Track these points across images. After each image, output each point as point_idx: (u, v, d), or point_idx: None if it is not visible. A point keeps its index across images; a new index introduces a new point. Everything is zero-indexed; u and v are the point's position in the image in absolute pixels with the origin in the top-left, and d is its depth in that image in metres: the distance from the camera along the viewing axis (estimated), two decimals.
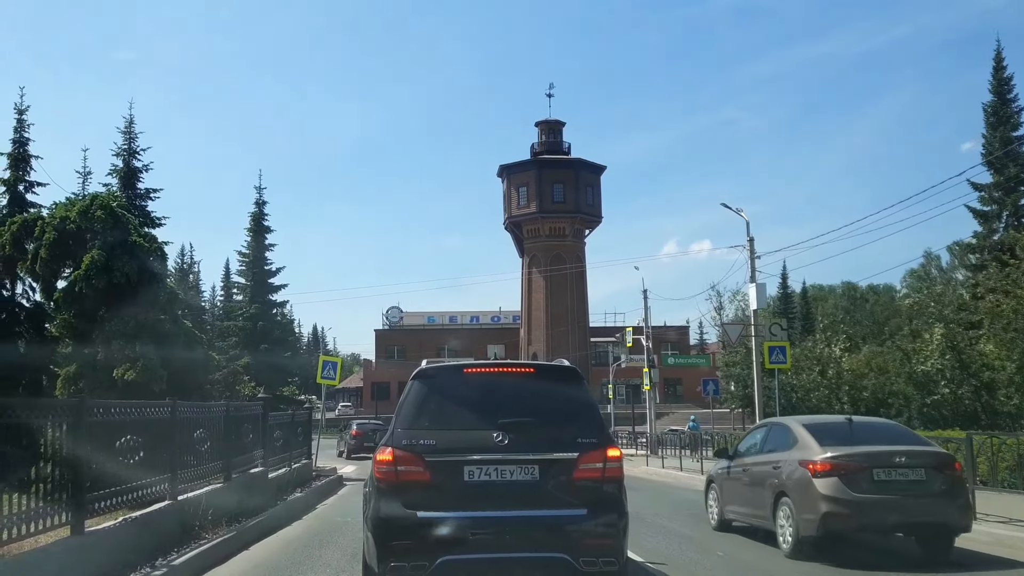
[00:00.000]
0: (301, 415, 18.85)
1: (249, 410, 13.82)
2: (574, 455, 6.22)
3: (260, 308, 22.79)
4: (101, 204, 14.45)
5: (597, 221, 72.88)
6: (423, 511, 6.01)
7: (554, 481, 6.18)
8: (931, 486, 9.20)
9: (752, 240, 26.62)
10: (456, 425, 6.39)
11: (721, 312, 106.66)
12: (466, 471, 6.12)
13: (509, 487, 6.13)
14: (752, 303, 25.97)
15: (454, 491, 6.09)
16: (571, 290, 70.54)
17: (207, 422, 11.24)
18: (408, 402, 6.56)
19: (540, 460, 6.19)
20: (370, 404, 72.17)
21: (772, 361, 24.62)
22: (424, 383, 6.64)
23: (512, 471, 6.15)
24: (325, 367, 24.04)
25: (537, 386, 6.89)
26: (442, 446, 6.17)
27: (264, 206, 23.15)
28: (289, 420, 17.32)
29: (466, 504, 6.05)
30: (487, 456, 6.13)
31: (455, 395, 6.62)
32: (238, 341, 22.76)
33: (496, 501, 6.06)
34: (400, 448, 6.20)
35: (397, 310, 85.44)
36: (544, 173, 70.27)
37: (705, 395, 33.40)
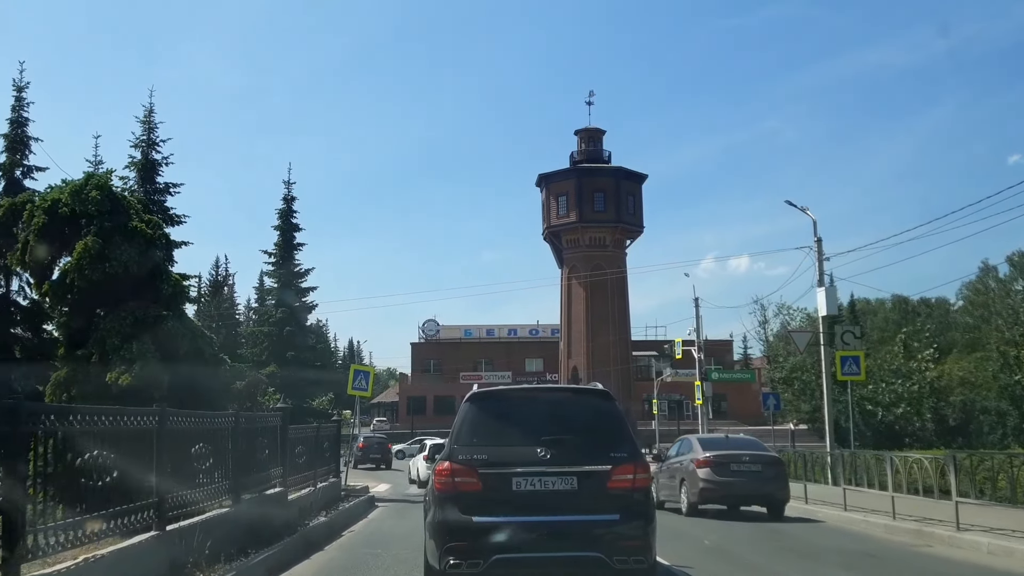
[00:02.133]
0: (328, 429, 17.09)
1: (264, 422, 12.04)
2: (608, 467, 7.05)
3: (287, 313, 21.11)
4: (97, 184, 12.76)
5: (639, 231, 70.66)
6: (478, 516, 6.87)
7: (590, 490, 7.00)
8: (766, 475, 15.69)
9: (820, 241, 24.49)
10: (505, 441, 7.24)
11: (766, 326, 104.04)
12: (514, 481, 6.97)
13: (551, 495, 6.96)
14: (821, 308, 23.74)
15: (504, 499, 6.94)
16: (612, 301, 68.34)
17: (210, 435, 9.45)
18: (463, 422, 7.38)
19: (578, 472, 7.01)
20: (406, 419, 70.52)
21: (845, 372, 22.46)
22: (476, 405, 7.51)
23: (554, 481, 6.97)
24: (356, 377, 22.32)
25: (574, 406, 7.95)
26: (493, 460, 7.02)
27: (293, 202, 21.48)
28: (314, 434, 15.53)
29: (514, 510, 6.91)
30: (532, 468, 6.97)
31: (503, 415, 7.54)
32: (263, 349, 21.01)
33: (540, 507, 6.93)
34: (457, 462, 7.08)
35: (434, 323, 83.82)
36: (584, 182, 68.26)
37: (765, 410, 31.09)
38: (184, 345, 12.70)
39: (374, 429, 69.06)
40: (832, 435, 23.67)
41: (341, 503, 16.49)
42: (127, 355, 11.72)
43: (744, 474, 15.49)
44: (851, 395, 23.33)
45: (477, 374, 77.03)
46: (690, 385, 74.36)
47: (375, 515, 16.67)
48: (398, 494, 22.85)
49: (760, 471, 15.65)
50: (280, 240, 21.26)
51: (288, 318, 20.92)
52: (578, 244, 68.53)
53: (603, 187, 68.55)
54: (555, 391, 9.36)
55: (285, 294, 21.27)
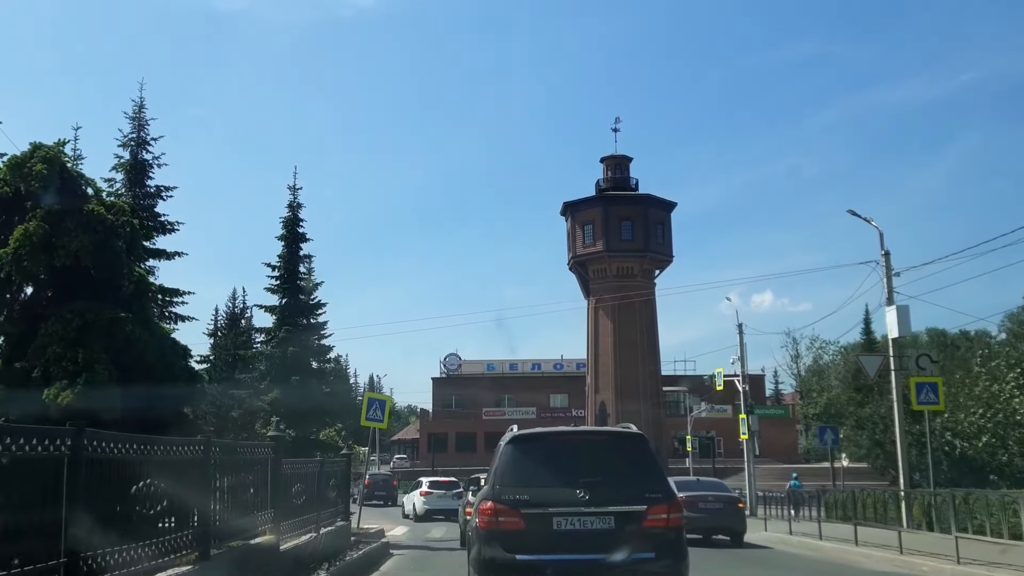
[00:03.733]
0: (335, 464, 14.70)
1: (250, 454, 9.70)
2: (643, 508, 7.38)
3: (291, 332, 18.79)
4: (45, 157, 10.46)
5: (668, 261, 68.10)
6: (520, 554, 7.23)
7: (627, 529, 7.32)
8: (726, 511, 19.05)
9: (888, 254, 21.92)
10: (545, 482, 7.54)
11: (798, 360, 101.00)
12: (554, 521, 7.31)
13: (590, 534, 7.28)
14: (891, 330, 21.09)
15: (545, 537, 7.29)
16: (641, 334, 65.62)
17: (166, 468, 7.11)
18: (504, 463, 7.73)
19: (615, 512, 7.34)
20: (426, 456, 67.76)
21: (921, 401, 19.78)
22: (517, 447, 7.84)
23: (592, 521, 7.30)
24: (371, 406, 19.93)
25: (610, 449, 8.10)
26: (534, 500, 7.35)
27: (299, 209, 19.28)
28: (317, 469, 13.13)
29: (555, 548, 7.27)
30: (571, 509, 7.29)
31: (543, 457, 7.79)
32: (264, 372, 18.60)
33: (580, 546, 7.25)
34: (499, 502, 7.42)
35: (456, 357, 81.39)
36: (611, 210, 65.95)
37: (822, 444, 28.25)
38: (149, 357, 10.36)
39: (393, 467, 66.41)
40: (907, 472, 20.94)
41: (350, 551, 14.04)
42: (70, 366, 9.42)
43: (709, 511, 18.77)
44: (929, 426, 20.59)
45: (500, 410, 74.44)
46: (722, 422, 71.85)
47: (389, 567, 14.18)
48: (417, 539, 20.33)
49: (722, 508, 19.24)
50: (285, 252, 18.98)
51: (293, 337, 18.58)
52: (605, 274, 66.07)
53: (630, 215, 66.21)
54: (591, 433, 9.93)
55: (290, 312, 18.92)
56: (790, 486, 30.02)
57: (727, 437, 70.80)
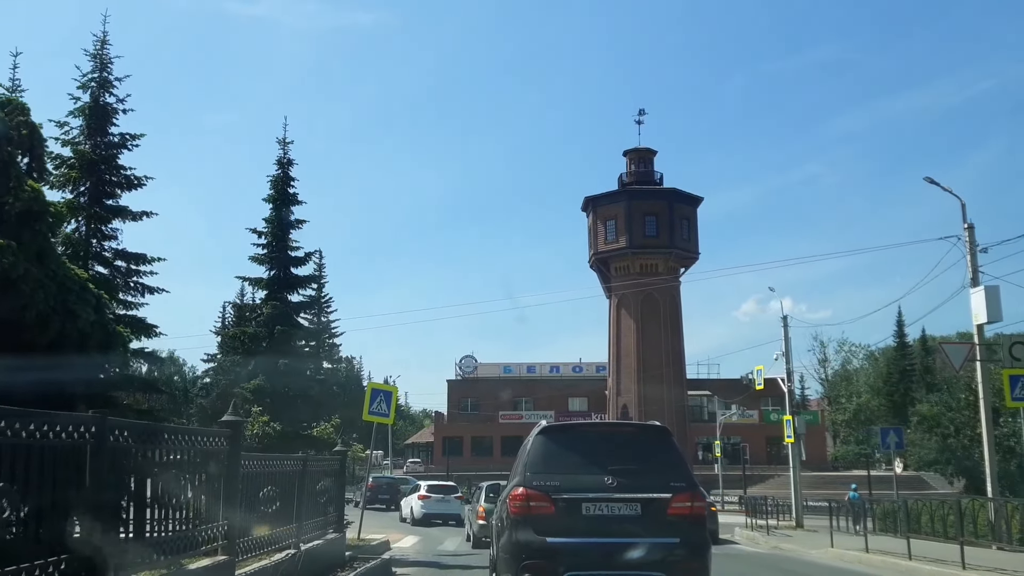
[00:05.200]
0: (324, 463, 11.97)
1: (187, 443, 6.98)
2: (668, 496, 7.67)
3: (279, 308, 15.99)
4: None
5: (693, 258, 65.14)
6: (551, 537, 7.50)
7: (652, 516, 7.60)
8: None
9: (972, 228, 19.00)
10: (574, 470, 7.81)
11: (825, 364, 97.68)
12: (584, 506, 7.59)
13: (618, 519, 7.57)
14: (979, 315, 18.13)
15: (575, 522, 7.55)
16: (665, 334, 62.68)
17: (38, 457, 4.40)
18: (534, 451, 7.99)
19: (642, 499, 7.63)
20: (441, 461, 64.97)
21: (1016, 397, 16.91)
22: (547, 437, 8.16)
23: (620, 507, 7.59)
24: (375, 398, 17.23)
25: (637, 440, 8.46)
26: (565, 486, 7.65)
27: (290, 167, 16.50)
28: (296, 469, 10.40)
29: (584, 532, 7.53)
30: (600, 495, 7.60)
31: (572, 447, 8.14)
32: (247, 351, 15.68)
33: (608, 530, 7.53)
34: (531, 488, 7.71)
35: (471, 360, 78.59)
36: (634, 205, 63.12)
37: (884, 448, 25.33)
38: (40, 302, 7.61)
39: (407, 471, 63.69)
40: (995, 479, 18.02)
41: (339, 570, 11.31)
42: None
43: None
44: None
45: (517, 413, 71.64)
46: (748, 428, 68.74)
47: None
48: (428, 552, 17.56)
49: None
50: (273, 216, 16.21)
51: (281, 315, 15.80)
52: (628, 272, 63.20)
53: (655, 210, 63.38)
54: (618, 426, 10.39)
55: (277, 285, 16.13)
56: (849, 497, 27.03)
57: (753, 443, 67.88)
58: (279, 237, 16.05)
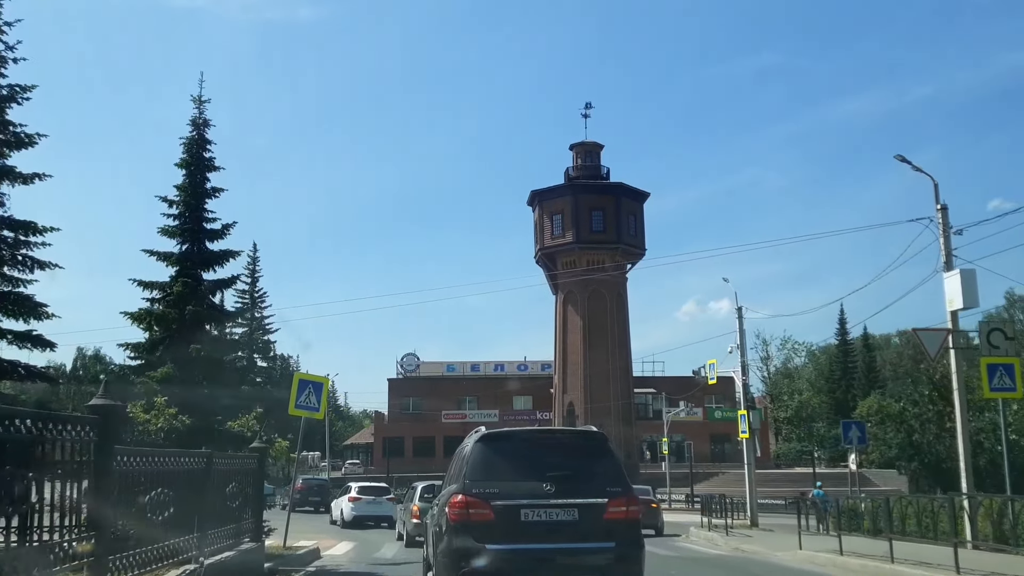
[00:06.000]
0: (235, 462, 10.20)
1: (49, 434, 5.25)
2: (604, 500, 7.80)
3: (190, 286, 14.06)
4: None
5: (640, 254, 64.16)
6: (490, 544, 7.55)
7: (589, 520, 7.72)
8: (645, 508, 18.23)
9: (945, 209, 17.98)
10: (513, 477, 7.92)
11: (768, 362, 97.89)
12: (522, 513, 7.68)
13: (555, 525, 7.68)
14: (954, 300, 17.03)
15: (514, 528, 7.62)
16: (612, 330, 61.62)
17: None
18: (473, 459, 8.02)
19: (579, 504, 7.74)
20: (381, 462, 62.89)
21: (995, 387, 15.87)
22: (486, 444, 8.18)
23: (557, 513, 7.68)
24: (302, 390, 15.43)
25: (574, 446, 8.64)
26: (503, 493, 7.72)
27: (206, 128, 14.57)
28: (199, 466, 8.64)
29: (523, 538, 7.63)
30: (538, 501, 7.68)
31: (510, 454, 8.19)
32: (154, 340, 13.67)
33: (546, 536, 7.67)
34: (470, 495, 7.73)
35: (414, 357, 76.67)
36: (581, 199, 61.93)
37: (846, 443, 24.28)
38: None
39: (345, 473, 61.46)
40: (970, 475, 16.97)
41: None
42: None
43: None
44: (1005, 418, 16.66)
45: (460, 412, 69.92)
46: (692, 426, 68.06)
47: None
48: (362, 561, 15.83)
49: None
50: (186, 183, 14.18)
51: (193, 294, 13.84)
52: (574, 267, 61.93)
53: (601, 205, 62.29)
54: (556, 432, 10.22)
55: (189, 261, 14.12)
56: (813, 495, 25.93)
57: (697, 441, 67.31)
58: (193, 207, 14.13)
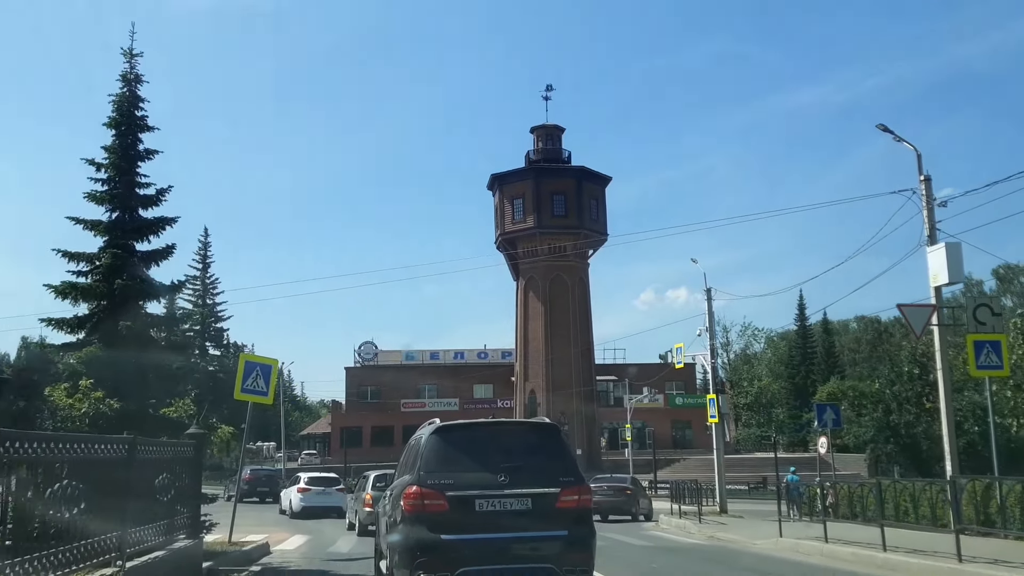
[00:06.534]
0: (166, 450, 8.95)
1: None
2: (557, 490, 7.95)
3: (120, 257, 12.66)
4: None
5: (602, 239, 63.33)
6: (445, 534, 7.63)
7: (542, 510, 7.87)
8: (617, 497, 26.32)
9: (928, 179, 17.21)
10: (467, 468, 7.99)
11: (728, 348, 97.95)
12: (476, 503, 7.77)
13: (509, 515, 7.78)
14: (938, 275, 16.26)
15: (468, 518, 7.70)
16: (574, 317, 60.77)
17: None
18: (429, 450, 8.11)
19: (532, 494, 7.89)
20: (338, 452, 61.43)
21: (981, 365, 15.14)
22: (441, 436, 8.29)
23: (511, 503, 7.81)
24: (249, 373, 14.23)
25: (527, 438, 8.81)
26: (458, 484, 7.80)
27: (138, 84, 13.11)
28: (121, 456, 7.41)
29: (477, 528, 7.69)
30: (492, 492, 7.80)
31: (464, 445, 8.28)
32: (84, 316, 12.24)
33: (500, 525, 7.74)
34: (425, 486, 7.80)
35: (371, 345, 75.19)
36: (543, 183, 60.87)
37: (821, 426, 23.59)
38: None
39: (301, 463, 59.95)
40: (956, 457, 16.27)
41: None
42: None
43: (611, 496, 25.89)
44: (991, 397, 15.96)
45: (420, 401, 68.72)
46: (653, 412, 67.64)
47: None
48: (315, 556, 14.65)
49: (614, 495, 26.19)
50: (116, 144, 12.73)
51: (124, 266, 12.43)
52: (535, 253, 60.94)
53: (563, 189, 61.31)
54: (510, 424, 10.56)
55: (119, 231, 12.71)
56: (788, 481, 25.25)
57: (658, 428, 67.00)
58: (123, 170, 12.74)
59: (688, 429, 74.44)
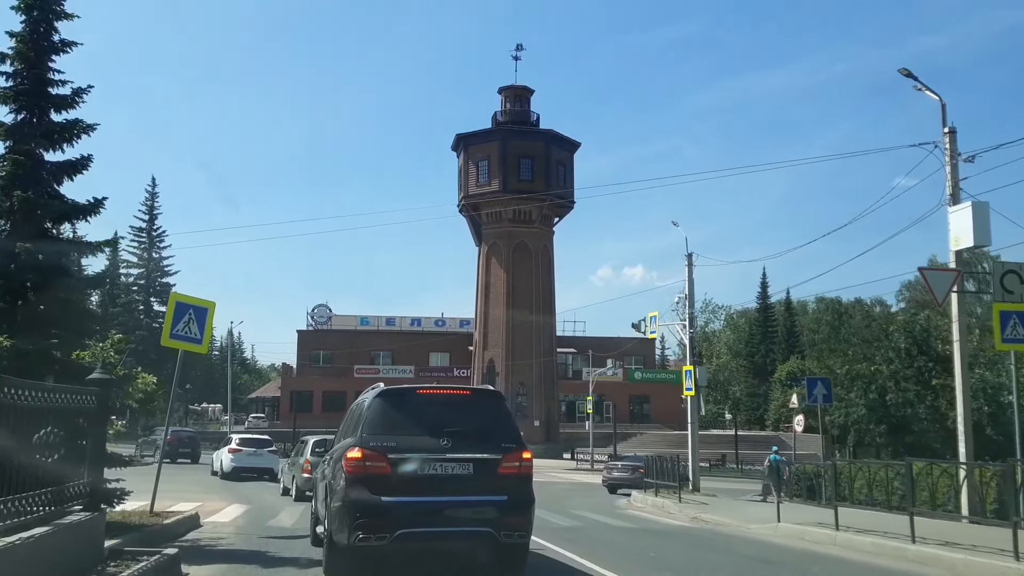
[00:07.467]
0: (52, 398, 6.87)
1: None
2: (499, 456, 8.05)
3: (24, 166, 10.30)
4: None
5: (569, 207, 61.47)
6: (386, 496, 7.63)
7: (484, 475, 7.93)
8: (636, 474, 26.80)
9: (953, 132, 15.55)
10: (410, 432, 7.99)
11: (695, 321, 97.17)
12: (418, 466, 7.80)
13: (451, 479, 7.85)
14: (961, 238, 14.64)
15: (409, 481, 7.75)
16: (536, 286, 58.95)
17: None
18: (372, 413, 8.13)
19: (474, 459, 7.94)
20: (288, 416, 59.13)
21: (1007, 338, 13.71)
22: (385, 400, 8.32)
23: (453, 467, 7.87)
24: (180, 316, 12.16)
25: (472, 404, 8.96)
26: (401, 447, 7.82)
27: None
28: None
29: (419, 491, 7.77)
30: (434, 455, 7.83)
31: (410, 410, 8.34)
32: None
33: (441, 489, 7.82)
34: (367, 448, 7.78)
35: (325, 309, 72.78)
36: (509, 145, 58.65)
37: (811, 401, 22.07)
38: None
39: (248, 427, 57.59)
40: (970, 436, 14.76)
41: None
42: None
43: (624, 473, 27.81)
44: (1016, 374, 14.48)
45: (374, 367, 66.62)
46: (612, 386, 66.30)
47: None
48: (253, 532, 12.67)
49: (631, 473, 27.07)
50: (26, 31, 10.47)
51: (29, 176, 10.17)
52: (500, 218, 58.91)
53: (531, 152, 59.18)
54: (454, 390, 10.20)
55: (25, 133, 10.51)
56: (770, 460, 23.74)
57: (616, 402, 65.78)
58: (32, 62, 10.49)
59: (646, 403, 73.52)
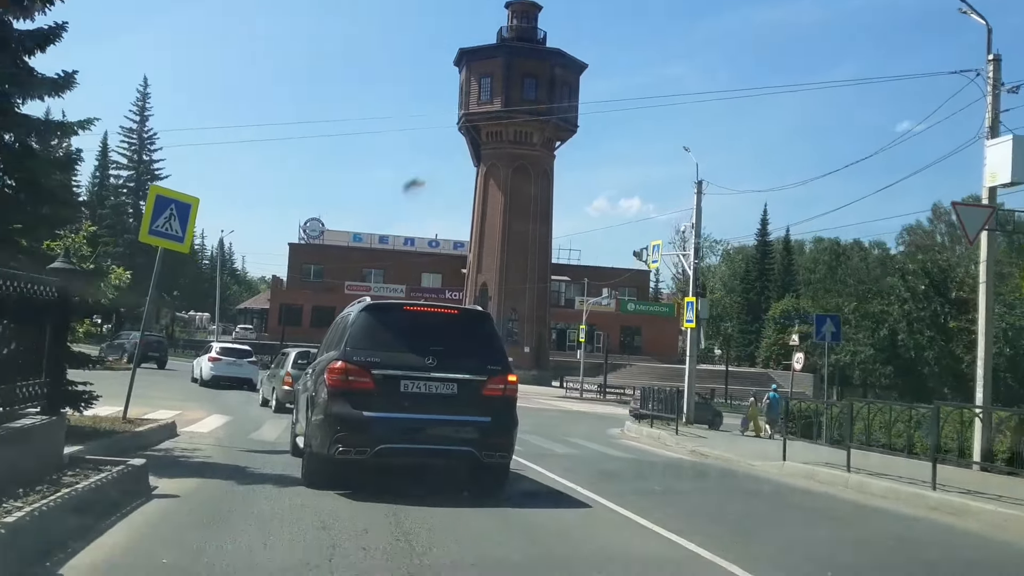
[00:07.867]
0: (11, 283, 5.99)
1: None
2: (484, 378, 8.14)
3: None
4: None
5: (572, 131, 60.02)
6: (367, 411, 7.69)
7: (468, 395, 8.01)
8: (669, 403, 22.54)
9: (998, 60, 14.47)
10: (396, 348, 8.03)
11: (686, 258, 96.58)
12: (403, 383, 7.85)
13: (434, 398, 7.90)
14: (998, 173, 13.66)
15: (392, 398, 7.80)
16: (535, 211, 57.91)
17: None
18: (357, 327, 8.15)
19: (458, 379, 8.02)
20: (276, 329, 58.55)
21: None
22: (371, 314, 8.35)
23: (437, 386, 7.92)
24: (160, 211, 11.28)
25: (459, 324, 9.01)
26: (385, 363, 7.86)
27: None
28: None
29: (402, 408, 7.81)
30: (419, 373, 7.88)
31: (396, 326, 8.37)
32: None
33: (424, 407, 7.87)
34: (351, 362, 7.83)
35: (318, 223, 71.74)
36: (514, 62, 56.85)
37: (819, 338, 21.42)
38: None
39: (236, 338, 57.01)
40: (989, 379, 14.11)
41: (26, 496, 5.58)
42: None
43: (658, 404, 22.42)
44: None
45: (365, 284, 65.87)
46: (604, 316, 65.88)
47: None
48: (238, 441, 12.03)
49: None
50: None
51: None
52: (500, 138, 57.49)
53: (536, 72, 57.44)
54: (442, 308, 10.16)
55: None
56: (769, 398, 23.19)
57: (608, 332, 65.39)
58: None
59: (637, 335, 73.16)
